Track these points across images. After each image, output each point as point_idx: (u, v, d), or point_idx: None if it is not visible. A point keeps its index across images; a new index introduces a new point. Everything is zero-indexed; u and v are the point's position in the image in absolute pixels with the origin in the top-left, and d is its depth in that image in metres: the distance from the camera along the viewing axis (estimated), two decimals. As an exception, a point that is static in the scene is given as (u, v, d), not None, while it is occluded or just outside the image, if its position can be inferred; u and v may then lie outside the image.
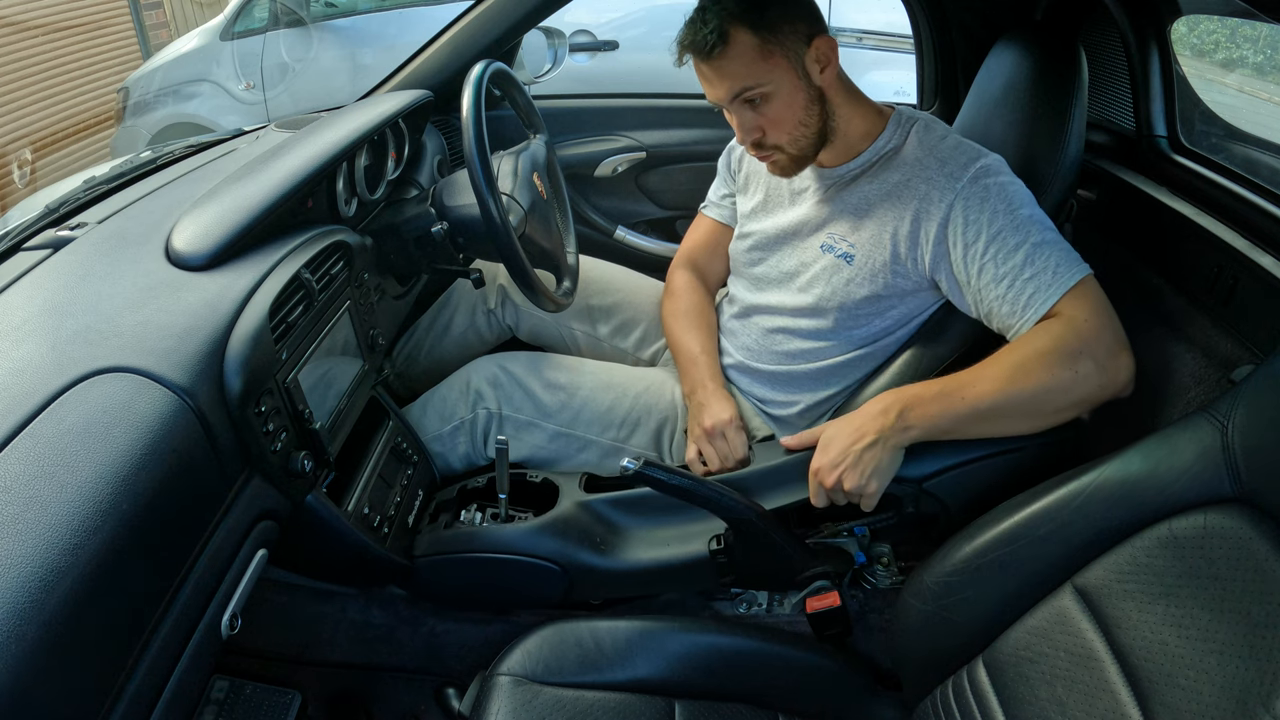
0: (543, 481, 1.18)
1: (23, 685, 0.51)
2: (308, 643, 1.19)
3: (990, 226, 0.97)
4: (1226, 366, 0.99)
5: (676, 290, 1.33)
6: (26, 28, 4.24)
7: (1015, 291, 0.95)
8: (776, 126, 1.04)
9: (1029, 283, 0.94)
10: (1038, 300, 0.94)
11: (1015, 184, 1.00)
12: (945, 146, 1.03)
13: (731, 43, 0.98)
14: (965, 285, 1.00)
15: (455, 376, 1.28)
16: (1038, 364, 0.90)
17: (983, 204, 0.98)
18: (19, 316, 0.75)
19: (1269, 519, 0.63)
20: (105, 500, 0.60)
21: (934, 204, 1.00)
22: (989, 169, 1.00)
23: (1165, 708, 0.65)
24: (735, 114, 1.05)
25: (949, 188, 1.00)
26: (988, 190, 0.98)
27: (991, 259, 0.96)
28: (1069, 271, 0.94)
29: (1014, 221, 0.96)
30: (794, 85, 1.02)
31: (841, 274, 1.09)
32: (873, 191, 1.08)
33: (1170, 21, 1.20)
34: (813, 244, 1.13)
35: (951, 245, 1.00)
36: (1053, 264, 0.94)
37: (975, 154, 1.02)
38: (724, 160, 1.35)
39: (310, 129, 1.19)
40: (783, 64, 1.01)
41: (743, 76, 1.00)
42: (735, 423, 1.13)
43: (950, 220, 0.99)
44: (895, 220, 1.04)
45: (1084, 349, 0.90)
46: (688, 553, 1.08)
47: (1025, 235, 0.96)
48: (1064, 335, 0.91)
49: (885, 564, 1.13)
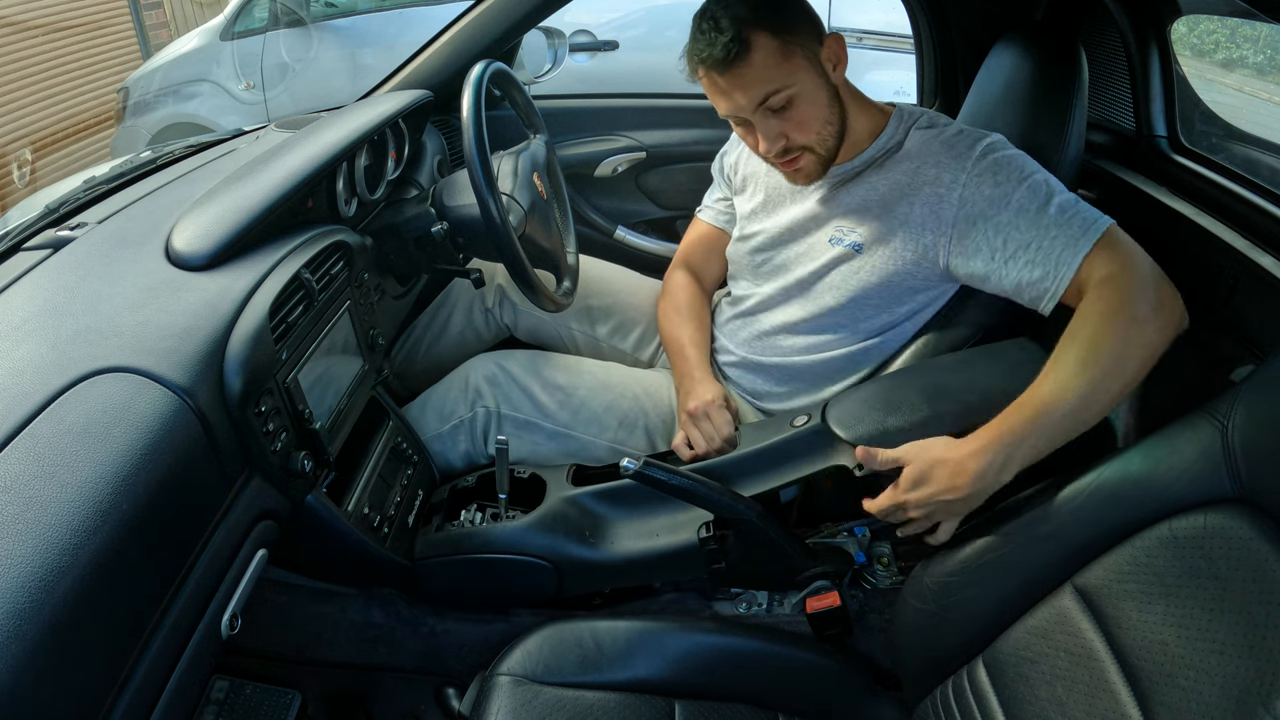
0: (530, 477, 1.18)
1: (23, 685, 0.51)
2: (308, 643, 1.19)
3: (1009, 196, 0.97)
4: (1226, 366, 0.99)
5: (671, 289, 1.34)
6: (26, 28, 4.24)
7: (1044, 253, 0.94)
8: (803, 128, 1.02)
9: (1055, 241, 0.94)
10: (1068, 256, 0.93)
11: (1022, 155, 1.00)
12: (948, 134, 1.04)
13: (754, 48, 0.96)
14: (990, 259, 0.99)
15: (454, 375, 1.28)
16: (1101, 333, 0.88)
17: (995, 177, 0.98)
18: (19, 316, 0.75)
19: (1269, 519, 0.63)
20: (105, 500, 0.60)
21: (945, 186, 1.00)
22: (994, 145, 1.01)
23: (1165, 708, 0.65)
24: (759, 123, 1.02)
25: (959, 168, 1.00)
26: (998, 164, 0.99)
27: (1014, 226, 0.96)
28: (1094, 224, 0.93)
29: (1029, 187, 0.97)
30: (816, 84, 1.01)
31: (851, 264, 1.09)
32: (879, 183, 1.07)
33: (1170, 21, 1.20)
34: (820, 238, 1.13)
35: (970, 224, 0.99)
36: (1077, 220, 0.94)
37: (979, 135, 1.02)
38: (717, 165, 1.35)
39: (310, 129, 1.19)
40: (803, 63, 1.00)
41: (768, 81, 0.98)
42: (719, 402, 1.14)
43: (965, 200, 0.99)
44: (905, 208, 1.04)
45: (1133, 296, 0.88)
46: (678, 542, 1.08)
47: (1045, 198, 0.96)
48: (1109, 295, 0.89)
49: (885, 564, 1.13)
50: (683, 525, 1.09)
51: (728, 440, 1.10)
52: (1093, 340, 0.87)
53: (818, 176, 1.09)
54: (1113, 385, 0.86)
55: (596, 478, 1.18)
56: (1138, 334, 0.87)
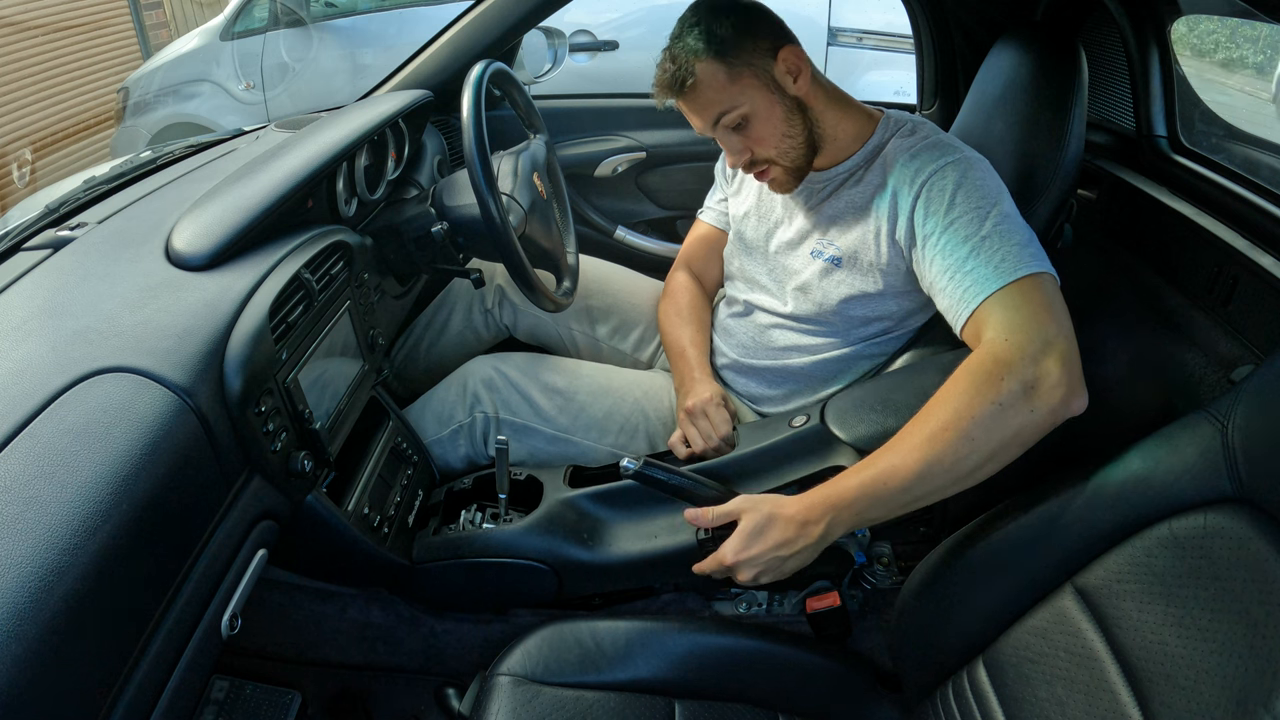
0: (527, 479, 1.18)
1: (23, 685, 0.51)
2: (308, 643, 1.19)
3: (946, 217, 0.95)
4: (1226, 366, 0.99)
5: (672, 291, 1.35)
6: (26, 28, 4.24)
7: (955, 283, 0.92)
8: (762, 143, 1.05)
9: (971, 274, 0.90)
10: (973, 293, 0.89)
11: (988, 181, 0.97)
12: (923, 144, 1.03)
13: (699, 75, 1.01)
14: (928, 277, 0.98)
15: (451, 378, 1.28)
16: (961, 407, 0.81)
17: (943, 195, 0.96)
18: (19, 316, 0.75)
19: (1269, 519, 0.63)
20: (105, 500, 0.60)
21: (903, 198, 1.00)
22: (959, 163, 0.98)
23: (1165, 708, 0.65)
24: (721, 139, 1.07)
25: (916, 181, 0.99)
26: (953, 184, 0.96)
27: (941, 250, 0.95)
28: (1016, 268, 0.88)
29: (971, 215, 0.93)
30: (769, 100, 1.03)
31: (833, 278, 1.10)
32: (856, 195, 1.08)
33: (1170, 21, 1.20)
34: (803, 251, 1.14)
35: (923, 240, 0.98)
36: (997, 258, 0.89)
37: (951, 150, 1.00)
38: (720, 165, 1.36)
39: (310, 129, 1.19)
40: (753, 82, 1.02)
41: (717, 103, 1.03)
42: (716, 401, 1.14)
43: (915, 211, 0.99)
44: (876, 220, 1.05)
45: (1009, 370, 0.81)
46: (677, 544, 1.08)
47: (977, 228, 0.92)
48: (983, 362, 0.83)
49: (885, 564, 1.13)
50: (681, 527, 1.09)
51: (725, 438, 1.10)
52: (951, 414, 0.82)
53: (792, 186, 1.11)
54: (960, 467, 0.81)
55: (594, 478, 1.18)
56: (999, 419, 0.80)
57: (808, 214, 1.14)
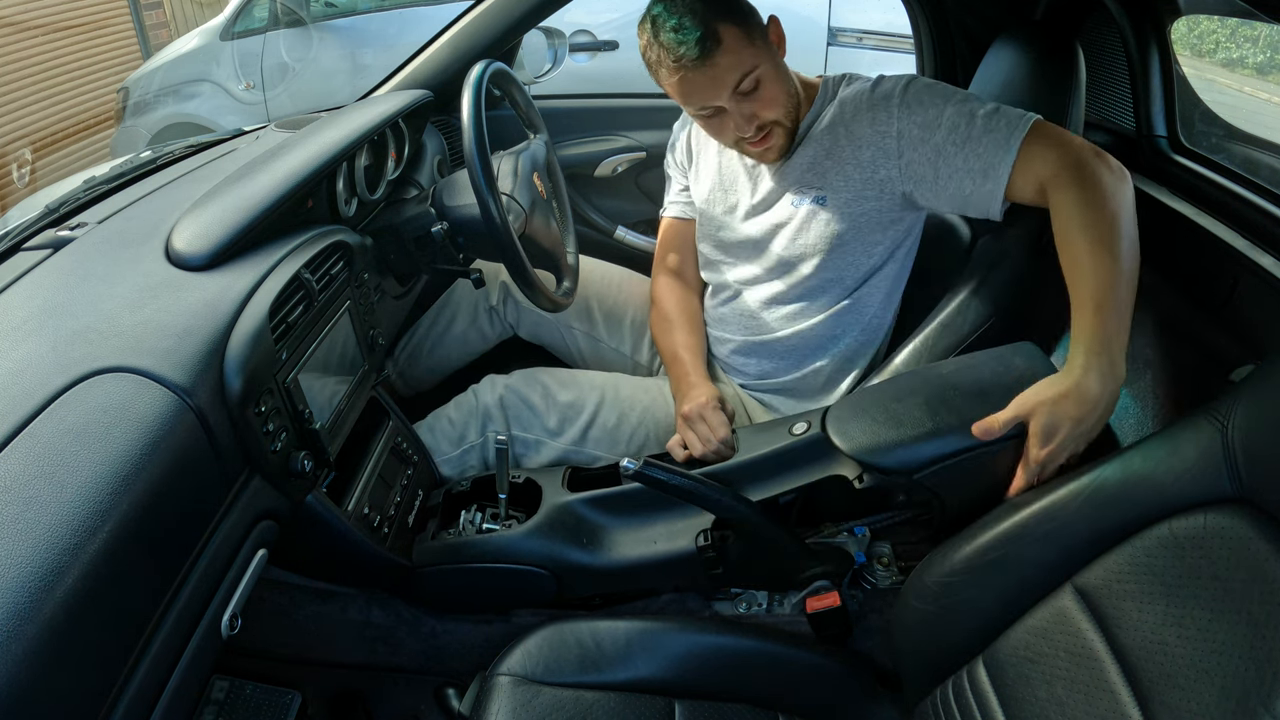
0: (525, 481, 1.18)
1: (23, 685, 0.51)
2: (308, 643, 1.19)
3: (938, 119, 1.04)
4: (1226, 366, 0.99)
5: (656, 299, 1.35)
6: (26, 28, 4.24)
7: (980, 159, 1.01)
8: (772, 104, 1.08)
9: (987, 145, 1.00)
10: (1002, 154, 0.99)
11: (942, 83, 1.09)
12: (870, 84, 1.12)
13: (723, 38, 1.01)
14: (936, 179, 1.05)
15: (461, 398, 1.28)
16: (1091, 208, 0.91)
17: (922, 105, 1.05)
18: (19, 316, 0.75)
19: (1269, 519, 0.63)
20: (105, 500, 0.60)
21: (883, 124, 1.07)
22: (915, 80, 1.09)
23: (1165, 708, 0.65)
24: (733, 108, 1.07)
25: (889, 106, 1.07)
26: (920, 94, 1.06)
27: (949, 142, 1.03)
28: (1019, 121, 1.00)
29: (955, 107, 1.04)
30: (775, 62, 1.08)
31: (820, 217, 1.14)
32: (823, 140, 1.13)
33: (1170, 21, 1.20)
34: (783, 206, 1.17)
35: (913, 151, 1.05)
36: (1003, 122, 1.01)
37: (899, 77, 1.11)
38: (669, 159, 1.37)
39: (310, 129, 1.19)
40: (763, 44, 1.06)
41: (740, 66, 1.03)
42: (712, 403, 1.14)
43: (902, 132, 1.06)
44: (853, 152, 1.10)
45: (1093, 167, 0.93)
46: (676, 549, 1.08)
47: (971, 113, 1.02)
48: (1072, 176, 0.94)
49: (885, 564, 1.13)
50: (680, 532, 1.09)
51: (723, 441, 1.10)
52: (1091, 219, 0.91)
53: (785, 151, 1.14)
54: (1131, 238, 0.91)
55: (592, 480, 1.18)
56: (1118, 195, 0.92)
57: (774, 177, 1.17)
